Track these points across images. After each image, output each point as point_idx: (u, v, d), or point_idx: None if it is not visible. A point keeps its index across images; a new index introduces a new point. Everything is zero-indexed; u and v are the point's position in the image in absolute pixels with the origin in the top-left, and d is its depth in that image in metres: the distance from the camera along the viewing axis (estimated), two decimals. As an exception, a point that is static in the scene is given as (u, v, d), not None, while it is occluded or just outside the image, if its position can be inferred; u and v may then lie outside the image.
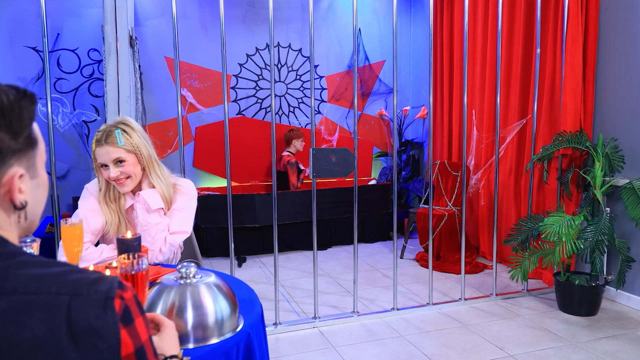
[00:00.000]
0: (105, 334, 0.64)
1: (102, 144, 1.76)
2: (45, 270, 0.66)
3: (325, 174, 2.98)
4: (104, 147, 1.75)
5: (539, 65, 3.49)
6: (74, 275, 0.67)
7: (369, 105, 5.86)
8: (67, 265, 0.69)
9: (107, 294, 0.66)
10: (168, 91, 5.02)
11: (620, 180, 3.22)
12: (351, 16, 4.69)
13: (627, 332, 2.90)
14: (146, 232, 1.79)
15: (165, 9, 4.93)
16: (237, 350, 1.17)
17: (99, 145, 1.76)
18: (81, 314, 0.63)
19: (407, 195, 5.76)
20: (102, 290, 0.66)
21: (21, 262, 0.66)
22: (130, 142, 1.78)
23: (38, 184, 0.75)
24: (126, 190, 1.82)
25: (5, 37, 4.41)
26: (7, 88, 0.68)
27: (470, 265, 4.11)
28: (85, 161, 4.73)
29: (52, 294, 0.63)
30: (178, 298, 1.15)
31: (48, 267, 0.67)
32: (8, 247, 0.68)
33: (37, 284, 0.64)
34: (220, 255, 4.59)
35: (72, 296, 0.64)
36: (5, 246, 0.68)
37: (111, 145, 1.75)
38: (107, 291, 0.66)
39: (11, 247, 0.69)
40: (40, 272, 0.65)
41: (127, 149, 1.77)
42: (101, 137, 1.77)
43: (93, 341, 0.63)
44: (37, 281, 0.64)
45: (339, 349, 2.73)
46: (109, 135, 1.76)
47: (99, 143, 1.76)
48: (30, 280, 0.64)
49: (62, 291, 0.64)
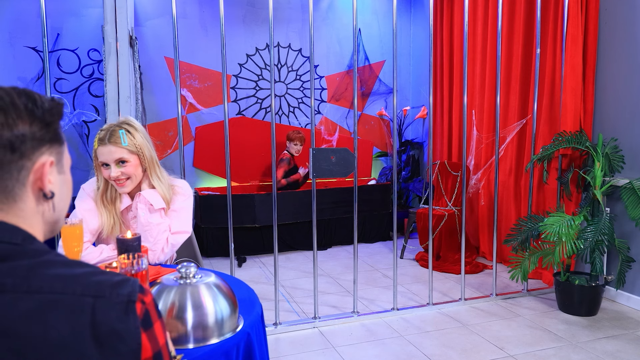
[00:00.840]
0: (127, 338, 0.65)
1: (105, 143, 1.75)
2: (70, 271, 0.67)
3: (325, 174, 2.98)
4: (107, 147, 1.74)
5: (539, 65, 3.49)
6: (97, 277, 0.68)
7: (369, 105, 5.86)
8: (90, 267, 0.70)
9: (129, 297, 0.67)
10: (168, 91, 5.02)
11: (620, 180, 3.22)
12: (351, 16, 4.69)
13: (627, 332, 2.90)
14: (148, 233, 1.78)
15: (165, 9, 4.92)
16: (237, 350, 1.17)
17: (101, 144, 1.75)
18: (105, 316, 0.64)
19: (407, 195, 5.76)
20: (125, 294, 0.67)
21: (47, 262, 0.67)
22: (134, 143, 1.77)
23: (64, 181, 0.78)
24: (125, 191, 1.82)
25: (5, 37, 4.41)
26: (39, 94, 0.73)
27: (470, 265, 4.11)
28: (85, 161, 4.73)
29: (77, 295, 0.64)
30: (178, 298, 1.15)
31: (72, 267, 0.68)
32: (35, 245, 0.69)
33: (63, 284, 0.65)
34: (220, 255, 4.59)
35: (96, 298, 0.65)
36: (32, 243, 0.69)
37: (114, 145, 1.74)
38: (129, 294, 0.67)
39: (37, 244, 0.70)
40: (65, 272, 0.66)
41: (130, 149, 1.76)
42: (104, 136, 1.76)
43: (115, 344, 0.64)
44: (62, 281, 0.65)
45: (339, 349, 2.73)
46: (113, 135, 1.75)
47: (102, 142, 1.75)
48: (55, 280, 0.65)
49: (86, 293, 0.65)
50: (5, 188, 0.69)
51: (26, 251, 0.67)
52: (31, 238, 0.70)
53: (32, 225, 0.72)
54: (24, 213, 0.71)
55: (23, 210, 0.71)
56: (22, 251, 0.67)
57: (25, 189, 0.70)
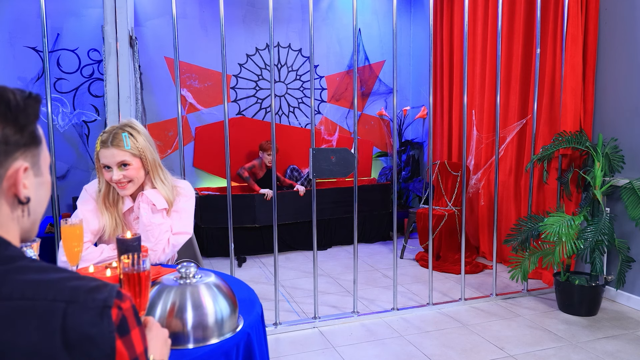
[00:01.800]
0: (100, 343, 0.64)
1: (108, 146, 1.73)
2: (44, 276, 0.65)
3: (325, 174, 2.98)
4: (109, 149, 1.73)
5: (539, 65, 3.49)
6: (73, 282, 0.66)
7: (368, 105, 5.86)
8: (66, 272, 0.68)
9: (104, 302, 0.65)
10: (168, 91, 5.02)
11: (620, 180, 3.22)
12: (351, 16, 4.69)
13: (627, 332, 2.90)
14: (149, 233, 1.78)
15: (165, 9, 4.93)
16: (237, 350, 1.17)
17: (104, 146, 1.74)
18: (76, 321, 0.63)
19: (407, 195, 5.76)
20: (100, 299, 0.65)
21: (20, 267, 0.66)
22: (137, 146, 1.76)
23: (41, 183, 0.75)
24: (126, 194, 1.81)
25: (5, 37, 4.41)
26: (13, 89, 0.70)
27: (470, 265, 4.11)
28: (85, 161, 4.73)
29: (49, 300, 0.63)
30: (178, 298, 1.15)
31: (47, 272, 0.66)
32: (9, 250, 0.68)
33: (34, 290, 0.63)
34: (220, 255, 4.59)
35: (69, 303, 0.63)
36: (6, 249, 0.68)
37: (117, 148, 1.73)
38: (104, 300, 0.66)
39: (12, 250, 0.68)
40: (38, 278, 0.65)
41: (133, 152, 1.75)
42: (107, 139, 1.74)
43: (87, 349, 0.63)
44: (34, 287, 0.64)
45: (339, 349, 2.73)
46: (115, 138, 1.74)
47: (105, 144, 1.74)
48: (27, 286, 0.64)
49: (58, 298, 0.63)
50: None
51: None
52: (5, 243, 0.68)
53: (7, 230, 0.70)
54: (3, 219, 0.69)
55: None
56: None
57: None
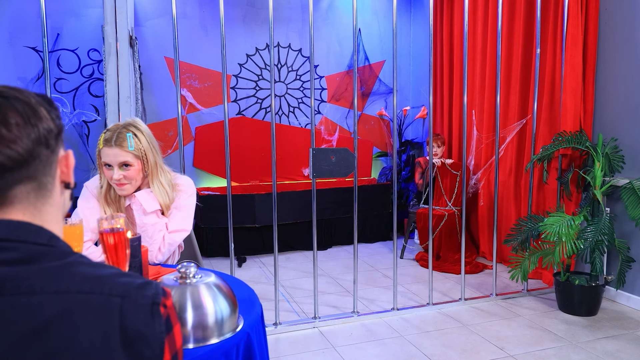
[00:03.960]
0: (153, 342, 0.65)
1: (111, 145, 1.74)
2: (97, 271, 0.67)
3: (325, 174, 2.98)
4: (112, 149, 1.74)
5: (539, 65, 3.49)
6: (122, 278, 0.67)
7: (368, 105, 5.86)
8: (113, 269, 0.70)
9: (153, 299, 0.67)
10: (168, 91, 5.02)
11: (620, 180, 3.22)
12: (351, 16, 4.69)
13: (627, 332, 2.90)
14: (144, 233, 1.79)
15: (165, 9, 4.92)
16: (237, 350, 1.16)
17: (107, 145, 1.74)
18: (132, 319, 0.64)
19: (407, 195, 5.76)
20: (149, 296, 0.67)
21: (74, 262, 0.67)
22: (139, 148, 1.77)
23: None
24: (124, 194, 1.82)
25: (5, 37, 4.40)
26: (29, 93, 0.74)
27: (470, 265, 4.11)
28: (85, 161, 4.73)
29: (105, 294, 0.64)
30: (178, 298, 1.15)
31: (97, 268, 0.68)
32: (59, 244, 0.69)
33: (90, 284, 0.64)
34: (220, 255, 4.59)
35: (124, 298, 0.64)
36: (57, 243, 0.69)
37: (120, 149, 1.74)
38: (153, 296, 0.67)
39: (61, 244, 0.70)
40: (92, 273, 0.66)
41: (136, 154, 1.77)
42: (111, 138, 1.75)
43: (141, 349, 0.64)
44: (89, 281, 0.64)
45: (339, 349, 2.73)
46: (119, 137, 1.75)
47: (108, 143, 1.74)
48: (83, 280, 0.64)
49: (114, 292, 0.64)
50: (45, 186, 0.70)
51: (53, 252, 0.67)
52: (56, 238, 0.69)
53: (57, 222, 0.73)
54: (52, 209, 0.71)
55: (52, 205, 0.71)
56: (48, 252, 0.67)
57: (55, 183, 0.72)
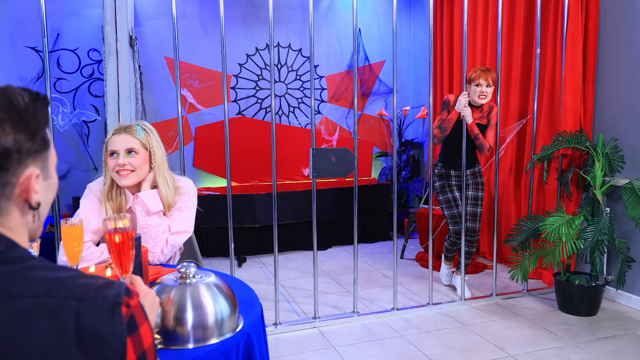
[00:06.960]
0: (113, 342, 0.64)
1: (120, 132, 1.81)
2: (54, 274, 0.66)
3: (325, 174, 2.97)
4: (121, 135, 1.81)
5: (539, 65, 3.49)
6: (82, 280, 0.67)
7: (368, 105, 5.86)
8: (74, 271, 0.69)
9: (114, 299, 0.66)
10: (168, 91, 5.02)
11: (620, 180, 3.22)
12: (351, 16, 4.69)
13: (627, 332, 2.90)
14: (147, 234, 1.79)
15: (165, 9, 4.92)
16: (237, 351, 1.16)
17: (117, 133, 1.82)
18: (89, 319, 0.63)
19: (407, 195, 5.76)
20: (110, 296, 0.66)
21: (30, 267, 0.66)
22: (148, 139, 1.84)
23: (50, 185, 0.76)
24: (126, 183, 1.80)
25: (5, 37, 4.40)
26: (20, 90, 0.68)
27: (470, 265, 4.11)
28: (86, 161, 4.73)
29: (61, 297, 0.63)
30: (178, 298, 1.15)
31: (56, 271, 0.67)
32: (18, 251, 0.68)
33: (46, 287, 0.63)
34: (220, 255, 4.59)
35: (81, 300, 0.64)
36: (15, 249, 0.68)
37: (129, 134, 1.81)
38: (114, 297, 0.66)
39: (21, 251, 0.69)
40: (48, 276, 0.65)
41: (143, 143, 1.83)
42: (120, 127, 1.84)
43: (101, 349, 0.63)
44: (45, 285, 0.64)
45: (339, 349, 2.73)
46: (129, 127, 1.84)
47: (118, 131, 1.82)
48: (38, 283, 0.64)
49: (70, 295, 0.64)
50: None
51: (9, 258, 0.66)
52: (14, 245, 0.68)
53: (18, 234, 0.71)
54: (9, 224, 0.70)
55: (9, 221, 0.70)
56: (4, 259, 0.66)
57: (10, 203, 0.69)
